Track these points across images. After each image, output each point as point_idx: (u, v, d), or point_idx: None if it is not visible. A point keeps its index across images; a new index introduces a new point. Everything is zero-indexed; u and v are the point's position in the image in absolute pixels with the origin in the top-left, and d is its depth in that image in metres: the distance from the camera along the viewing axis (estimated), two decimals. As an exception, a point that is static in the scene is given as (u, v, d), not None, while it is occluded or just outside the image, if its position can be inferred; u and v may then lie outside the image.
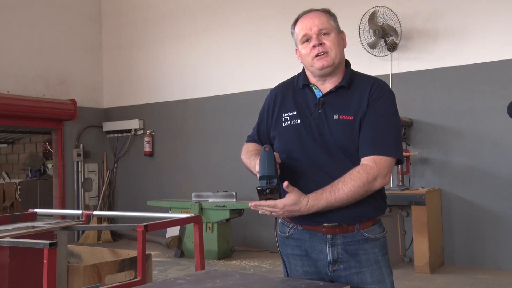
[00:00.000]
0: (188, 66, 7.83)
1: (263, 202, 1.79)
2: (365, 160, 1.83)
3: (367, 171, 1.79)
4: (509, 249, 5.30)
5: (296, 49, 2.02)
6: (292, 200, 1.77)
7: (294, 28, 1.99)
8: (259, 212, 1.85)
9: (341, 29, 2.00)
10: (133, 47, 8.46)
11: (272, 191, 1.79)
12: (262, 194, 1.81)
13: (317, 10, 1.96)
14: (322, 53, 1.89)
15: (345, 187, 1.78)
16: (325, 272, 1.90)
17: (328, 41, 1.89)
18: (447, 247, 5.62)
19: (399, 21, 5.78)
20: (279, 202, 1.78)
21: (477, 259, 5.47)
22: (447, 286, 4.77)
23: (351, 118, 1.86)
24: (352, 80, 1.94)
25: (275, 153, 1.85)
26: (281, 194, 1.81)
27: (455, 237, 5.60)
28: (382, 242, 1.93)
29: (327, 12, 1.96)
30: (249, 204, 1.85)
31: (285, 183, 1.77)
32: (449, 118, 5.68)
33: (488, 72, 5.46)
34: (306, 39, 1.92)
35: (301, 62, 2.01)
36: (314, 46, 1.90)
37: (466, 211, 5.55)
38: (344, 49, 1.98)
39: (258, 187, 1.81)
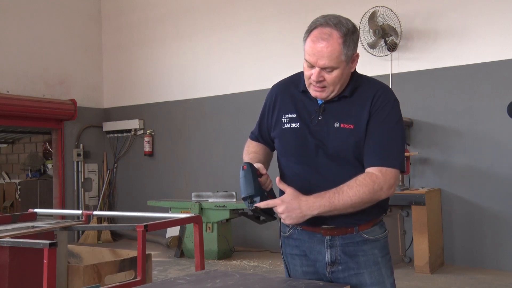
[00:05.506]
0: (188, 66, 7.83)
1: (262, 204, 1.76)
2: (371, 170, 1.78)
3: (373, 179, 1.75)
4: (509, 249, 5.30)
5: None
6: (291, 195, 1.74)
7: (305, 39, 1.81)
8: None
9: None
10: (133, 47, 8.45)
11: (254, 211, 1.78)
12: (247, 215, 1.80)
13: (333, 29, 1.73)
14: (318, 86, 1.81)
15: (351, 190, 1.73)
16: (324, 273, 1.89)
17: (329, 78, 1.77)
18: (447, 247, 5.62)
19: (399, 21, 5.78)
20: (278, 199, 1.75)
21: (477, 259, 5.46)
22: (447, 286, 4.77)
23: (352, 127, 1.82)
24: (356, 88, 1.86)
25: (259, 165, 1.85)
26: (264, 211, 1.79)
27: (455, 237, 5.60)
28: (382, 243, 1.91)
29: (344, 36, 1.73)
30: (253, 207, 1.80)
31: (277, 179, 1.81)
32: (449, 118, 5.68)
33: (488, 72, 5.46)
34: (310, 65, 1.79)
35: None
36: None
37: (466, 211, 5.54)
38: None
39: (239, 210, 1.81)
